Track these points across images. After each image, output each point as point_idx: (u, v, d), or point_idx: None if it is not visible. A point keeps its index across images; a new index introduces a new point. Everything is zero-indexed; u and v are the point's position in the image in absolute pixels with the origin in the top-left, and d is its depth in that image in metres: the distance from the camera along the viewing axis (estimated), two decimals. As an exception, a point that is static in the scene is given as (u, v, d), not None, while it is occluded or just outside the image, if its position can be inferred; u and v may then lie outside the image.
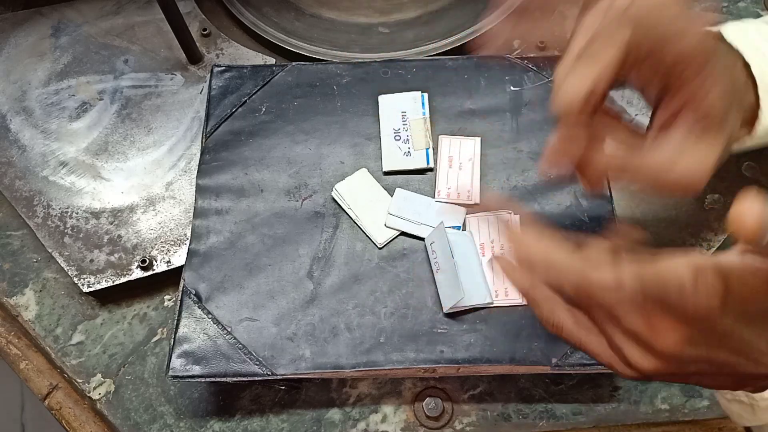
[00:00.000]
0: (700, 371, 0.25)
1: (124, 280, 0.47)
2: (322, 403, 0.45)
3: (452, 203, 0.46)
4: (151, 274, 0.47)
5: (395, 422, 0.44)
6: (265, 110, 0.50)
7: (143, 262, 0.47)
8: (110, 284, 0.46)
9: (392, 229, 0.45)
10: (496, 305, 0.42)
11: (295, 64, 0.53)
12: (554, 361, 0.40)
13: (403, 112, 0.50)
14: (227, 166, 0.48)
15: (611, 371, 0.40)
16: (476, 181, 0.47)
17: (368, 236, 0.45)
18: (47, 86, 0.56)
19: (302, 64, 0.53)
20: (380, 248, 0.45)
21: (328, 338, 0.41)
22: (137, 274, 0.47)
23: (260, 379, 0.40)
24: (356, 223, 0.45)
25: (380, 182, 0.47)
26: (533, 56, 0.53)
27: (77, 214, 0.49)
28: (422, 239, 0.45)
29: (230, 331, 0.41)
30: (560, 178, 0.46)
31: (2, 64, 0.57)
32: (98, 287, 0.46)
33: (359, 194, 0.46)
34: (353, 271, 0.44)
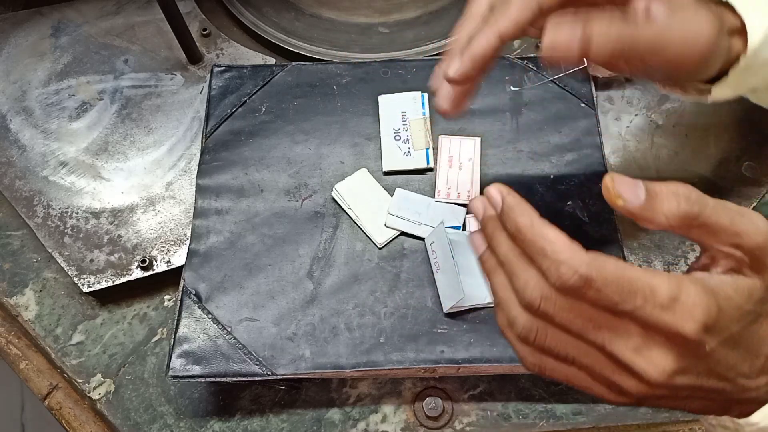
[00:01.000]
0: (691, 396, 0.25)
1: (124, 280, 0.47)
2: (322, 403, 0.45)
3: (452, 203, 0.46)
4: (151, 274, 0.47)
5: (395, 422, 0.44)
6: (265, 110, 0.50)
7: (143, 262, 0.47)
8: (110, 284, 0.46)
9: (392, 229, 0.45)
10: (496, 305, 0.42)
11: (295, 64, 0.53)
12: (554, 361, 0.40)
13: (403, 112, 0.50)
14: (227, 166, 0.48)
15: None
16: (476, 181, 0.47)
17: (368, 236, 0.45)
18: (47, 86, 0.56)
19: (302, 64, 0.53)
20: (380, 248, 0.45)
21: (328, 338, 0.41)
22: (137, 274, 0.47)
23: (260, 379, 0.40)
24: (356, 223, 0.45)
25: (380, 182, 0.47)
26: (533, 56, 0.53)
27: (77, 214, 0.49)
28: (422, 239, 0.45)
29: (230, 331, 0.41)
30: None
31: (2, 64, 0.57)
32: (98, 287, 0.46)
33: (359, 194, 0.46)
34: (353, 271, 0.44)
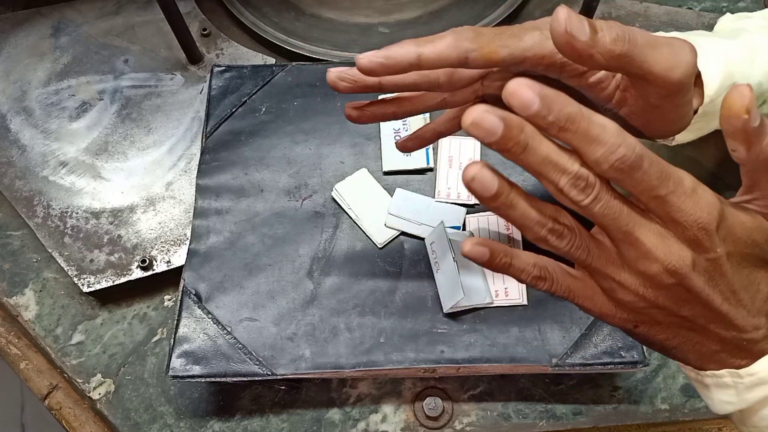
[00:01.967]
0: (693, 315, 0.25)
1: (124, 280, 0.47)
2: (322, 403, 0.45)
3: (452, 203, 0.46)
4: (151, 274, 0.47)
5: (395, 422, 0.44)
6: (265, 110, 0.50)
7: (143, 262, 0.47)
8: (110, 284, 0.46)
9: (392, 229, 0.45)
10: (496, 305, 0.42)
11: (295, 64, 0.53)
12: (554, 361, 0.40)
13: (403, 112, 0.50)
14: (227, 166, 0.48)
15: (610, 365, 0.40)
16: (476, 181, 0.47)
17: (368, 236, 0.45)
18: (47, 86, 0.56)
19: (302, 64, 0.53)
20: (380, 248, 0.45)
21: (328, 338, 0.41)
22: (137, 274, 0.47)
23: (260, 379, 0.40)
24: (356, 223, 0.45)
25: (380, 182, 0.47)
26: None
27: (77, 214, 0.49)
28: (422, 239, 0.45)
29: (230, 331, 0.41)
30: None
31: (2, 64, 0.57)
32: (98, 287, 0.46)
33: (359, 194, 0.46)
34: (353, 271, 0.44)
